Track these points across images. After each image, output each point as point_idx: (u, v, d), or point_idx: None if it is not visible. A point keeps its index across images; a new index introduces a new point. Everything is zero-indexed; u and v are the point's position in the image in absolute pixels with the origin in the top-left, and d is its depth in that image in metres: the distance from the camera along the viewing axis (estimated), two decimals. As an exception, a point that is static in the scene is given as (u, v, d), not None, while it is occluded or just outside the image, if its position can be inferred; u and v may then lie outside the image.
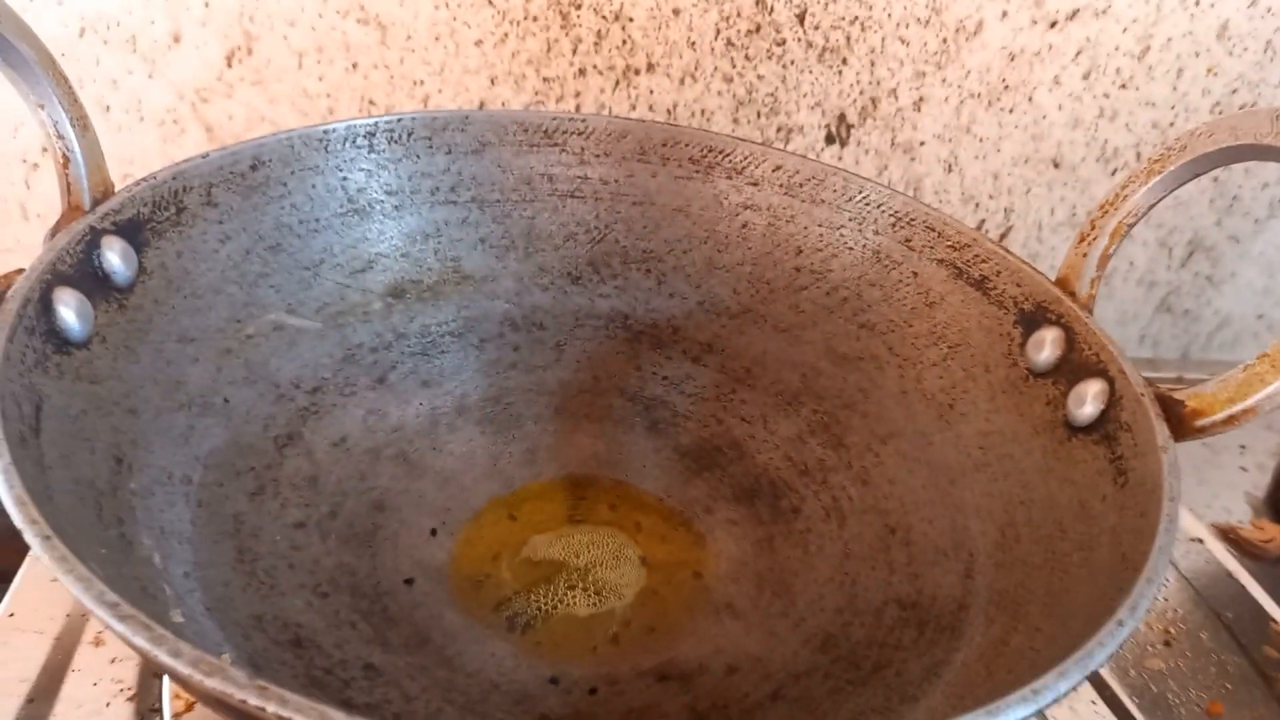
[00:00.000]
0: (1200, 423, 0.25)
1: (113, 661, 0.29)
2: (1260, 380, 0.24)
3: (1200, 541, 0.40)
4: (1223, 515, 0.42)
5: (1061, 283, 0.31)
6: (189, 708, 0.28)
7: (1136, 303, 0.60)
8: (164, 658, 0.16)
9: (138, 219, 0.28)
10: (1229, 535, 0.41)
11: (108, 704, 0.28)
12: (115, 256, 0.27)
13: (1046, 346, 0.29)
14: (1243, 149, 0.27)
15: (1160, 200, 0.30)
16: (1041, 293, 0.30)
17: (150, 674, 0.29)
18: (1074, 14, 0.51)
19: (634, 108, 0.50)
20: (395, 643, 0.27)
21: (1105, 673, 0.33)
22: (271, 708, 0.15)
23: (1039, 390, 0.29)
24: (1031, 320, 0.31)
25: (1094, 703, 0.32)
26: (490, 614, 0.29)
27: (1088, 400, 0.27)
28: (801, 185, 0.37)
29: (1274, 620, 0.37)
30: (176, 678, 0.16)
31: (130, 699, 0.28)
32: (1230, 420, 0.24)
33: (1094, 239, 0.30)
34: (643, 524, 0.33)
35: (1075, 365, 0.29)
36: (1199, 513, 0.42)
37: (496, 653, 0.28)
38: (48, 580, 0.32)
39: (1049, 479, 0.27)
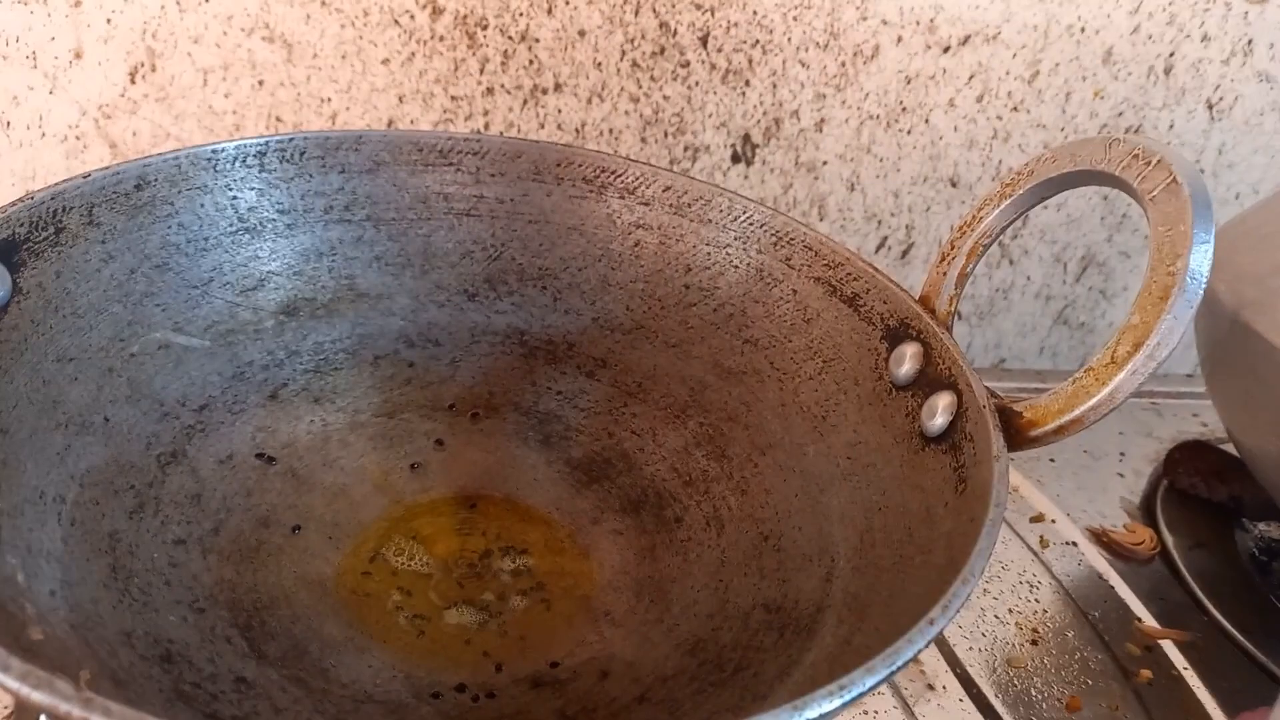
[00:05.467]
0: (1034, 433, 0.26)
1: (-11, 681, 0.29)
2: (1085, 393, 0.26)
3: (1074, 545, 0.42)
4: (1098, 520, 0.44)
5: (924, 300, 0.32)
6: (65, 725, 0.28)
7: (1035, 316, 0.63)
8: (-8, 672, 0.16)
9: (13, 240, 0.28)
10: (1102, 538, 0.43)
11: (-18, 723, 0.28)
12: (-12, 277, 0.27)
13: (907, 361, 0.31)
14: (1080, 174, 0.29)
15: (1012, 222, 0.32)
16: (905, 310, 0.32)
17: (27, 692, 0.29)
18: (966, 39, 0.53)
19: (543, 127, 0.51)
20: (272, 655, 0.28)
21: (973, 671, 0.35)
22: (96, 718, 0.16)
23: (900, 402, 0.31)
24: (895, 336, 0.32)
25: (961, 700, 0.34)
26: (371, 626, 0.30)
27: (939, 412, 0.29)
28: (690, 205, 0.38)
29: (1138, 618, 0.39)
30: (6, 689, 0.17)
31: (8, 715, 0.28)
32: (1060, 430, 0.26)
33: (953, 259, 0.32)
34: (530, 537, 0.34)
35: (930, 379, 0.30)
36: (1075, 517, 0.44)
37: (374, 664, 0.29)
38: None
39: (904, 487, 0.29)
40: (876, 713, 0.32)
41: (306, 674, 0.27)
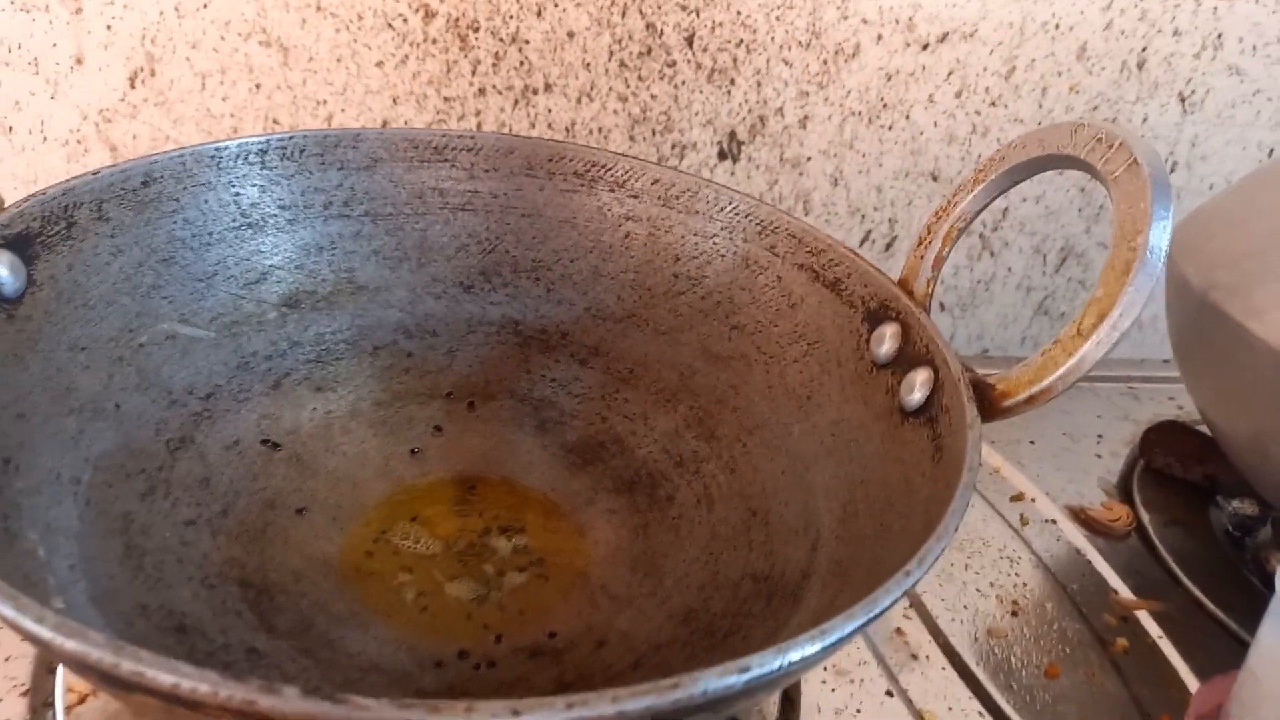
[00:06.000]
0: (1006, 403, 0.28)
1: (6, 659, 0.30)
2: (1054, 363, 0.27)
3: (1053, 522, 0.43)
4: (1077, 498, 0.45)
5: (903, 283, 0.34)
6: (81, 700, 0.29)
7: (1016, 307, 0.64)
8: (28, 623, 0.18)
9: (27, 234, 0.29)
10: (1080, 516, 0.44)
11: (0, 699, 0.29)
12: (3, 269, 0.28)
13: (886, 340, 0.32)
14: (1048, 159, 0.31)
15: (986, 206, 0.34)
16: (884, 292, 0.33)
17: (44, 670, 0.30)
18: (944, 37, 0.54)
19: (533, 126, 0.52)
20: (281, 628, 0.29)
21: (955, 641, 0.36)
22: (126, 664, 0.17)
23: (880, 380, 0.32)
24: (876, 317, 0.33)
25: (944, 668, 0.35)
26: (374, 602, 0.31)
27: (917, 387, 0.30)
28: (678, 197, 0.40)
29: (1114, 590, 0.40)
30: (39, 642, 0.18)
31: (24, 694, 0.29)
32: (1030, 400, 0.27)
33: (929, 243, 0.33)
34: (527, 517, 0.35)
35: (909, 356, 0.31)
36: (1054, 496, 0.45)
37: (379, 636, 0.30)
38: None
39: (884, 460, 0.30)
40: (863, 680, 0.34)
41: (314, 646, 0.28)
